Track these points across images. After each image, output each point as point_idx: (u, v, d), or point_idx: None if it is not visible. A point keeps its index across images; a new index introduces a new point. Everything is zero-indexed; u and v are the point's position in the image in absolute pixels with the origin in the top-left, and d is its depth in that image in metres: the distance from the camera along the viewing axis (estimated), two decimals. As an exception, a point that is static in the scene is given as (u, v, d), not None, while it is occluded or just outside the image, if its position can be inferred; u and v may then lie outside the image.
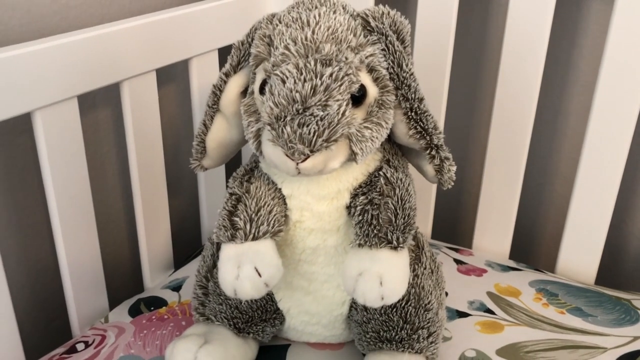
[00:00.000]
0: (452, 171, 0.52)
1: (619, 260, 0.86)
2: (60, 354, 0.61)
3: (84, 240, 0.64)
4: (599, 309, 0.67)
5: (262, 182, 0.52)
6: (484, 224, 0.81)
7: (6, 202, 0.66)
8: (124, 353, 0.59)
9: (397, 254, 0.48)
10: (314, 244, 0.52)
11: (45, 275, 0.72)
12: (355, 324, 0.55)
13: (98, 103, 0.73)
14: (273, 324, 0.57)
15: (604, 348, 0.61)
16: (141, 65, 0.65)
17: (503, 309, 0.66)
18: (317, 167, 0.45)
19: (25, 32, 0.63)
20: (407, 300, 0.53)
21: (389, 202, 0.49)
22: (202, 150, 0.55)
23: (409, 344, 0.53)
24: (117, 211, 0.80)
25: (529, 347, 0.61)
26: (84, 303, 0.66)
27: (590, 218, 0.74)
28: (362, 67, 0.47)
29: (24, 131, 0.66)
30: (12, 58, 0.53)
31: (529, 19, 0.70)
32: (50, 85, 0.57)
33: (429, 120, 0.50)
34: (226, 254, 0.49)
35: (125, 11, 0.73)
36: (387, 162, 0.52)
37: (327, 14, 0.47)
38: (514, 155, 0.76)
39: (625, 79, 0.67)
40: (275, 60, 0.46)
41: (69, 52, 0.58)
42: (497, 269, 0.75)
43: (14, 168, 0.66)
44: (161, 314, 0.66)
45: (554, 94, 0.83)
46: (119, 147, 0.77)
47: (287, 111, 0.44)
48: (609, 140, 0.70)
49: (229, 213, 0.51)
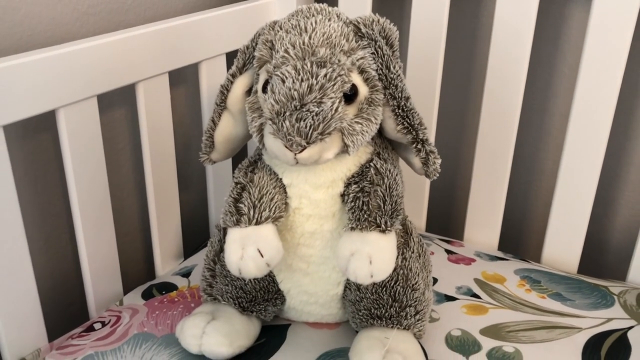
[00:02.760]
0: (437, 163, 0.57)
1: (601, 251, 0.91)
2: (79, 332, 0.66)
3: (102, 230, 0.70)
4: (578, 294, 0.72)
5: (265, 173, 0.57)
6: (474, 218, 0.86)
7: (29, 194, 0.72)
8: (138, 331, 0.65)
9: (385, 237, 0.54)
10: (311, 229, 0.58)
11: (65, 262, 0.78)
12: (349, 302, 0.61)
13: (114, 103, 0.79)
14: (275, 304, 0.63)
15: (579, 328, 0.66)
16: (155, 68, 0.71)
17: (488, 294, 0.72)
18: (313, 157, 0.50)
19: (50, 37, 0.69)
20: (396, 280, 0.58)
21: (378, 190, 0.54)
22: (210, 144, 0.61)
23: (398, 321, 0.59)
24: (131, 204, 0.85)
25: (510, 327, 0.66)
26: (100, 288, 0.71)
27: (572, 212, 0.79)
28: (353, 68, 0.52)
29: (46, 128, 0.72)
30: (38, 61, 0.59)
31: (514, 25, 0.75)
32: (72, 86, 0.62)
33: (414, 117, 0.55)
34: (232, 237, 0.55)
35: (140, 18, 0.79)
36: (377, 155, 0.57)
37: (323, 21, 0.53)
38: (500, 154, 0.81)
39: (602, 81, 0.72)
40: (276, 63, 0.52)
41: (89, 55, 0.63)
42: (485, 258, 0.80)
43: (37, 162, 0.72)
44: (172, 297, 0.71)
45: (539, 96, 0.88)
46: (132, 145, 0.83)
47: (286, 107, 0.49)
48: (587, 139, 0.75)
49: (235, 200, 0.56)
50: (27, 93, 0.58)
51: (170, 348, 0.61)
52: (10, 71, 0.56)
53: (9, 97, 0.56)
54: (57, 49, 0.61)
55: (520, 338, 0.64)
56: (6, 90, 0.56)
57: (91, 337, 0.64)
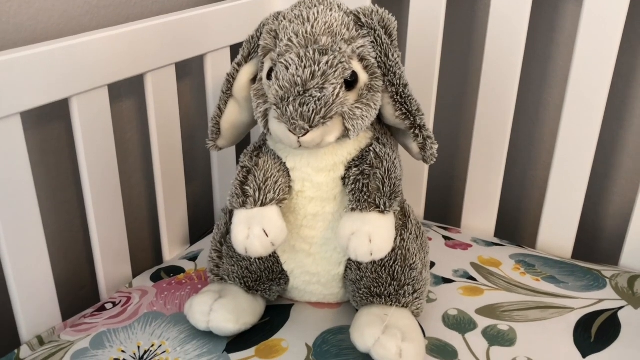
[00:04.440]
0: (434, 148, 0.60)
1: (595, 238, 0.94)
2: (91, 312, 0.69)
3: (112, 216, 0.72)
4: (571, 277, 0.75)
5: (269, 157, 0.60)
6: (471, 206, 0.89)
7: (43, 181, 0.75)
8: (148, 310, 0.68)
9: (384, 217, 0.56)
10: (314, 211, 0.61)
11: (77, 246, 0.81)
12: (350, 282, 0.63)
13: (123, 94, 0.81)
14: (279, 284, 0.65)
15: (572, 308, 0.69)
16: (162, 59, 0.73)
17: (484, 277, 0.74)
18: (316, 140, 0.53)
19: (62, 29, 0.72)
20: (395, 260, 0.61)
21: (377, 173, 0.57)
22: (217, 131, 0.64)
23: (396, 299, 0.61)
24: (139, 192, 0.88)
25: (504, 307, 0.69)
26: (111, 271, 0.74)
27: (566, 199, 0.81)
28: (354, 56, 0.55)
29: (59, 117, 0.74)
30: (53, 51, 0.61)
31: (509, 18, 0.78)
32: (84, 75, 0.65)
33: (412, 103, 0.58)
34: (238, 218, 0.58)
35: (147, 11, 0.81)
36: (376, 140, 0.60)
37: (324, 11, 0.55)
38: (496, 144, 0.83)
39: (594, 72, 0.75)
40: (280, 51, 0.54)
41: (100, 47, 0.66)
42: (481, 244, 0.83)
43: (49, 151, 0.74)
44: (179, 279, 0.74)
45: (534, 87, 0.91)
46: (140, 134, 0.86)
47: (290, 93, 0.52)
48: (580, 129, 0.77)
49: (241, 183, 0.59)
50: (42, 82, 0.61)
51: (179, 325, 0.64)
52: (27, 61, 0.59)
53: (25, 85, 0.59)
54: (70, 40, 0.63)
55: (515, 317, 0.67)
56: (23, 79, 0.59)
57: (103, 316, 0.67)
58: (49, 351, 0.62)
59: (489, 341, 0.63)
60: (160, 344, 0.62)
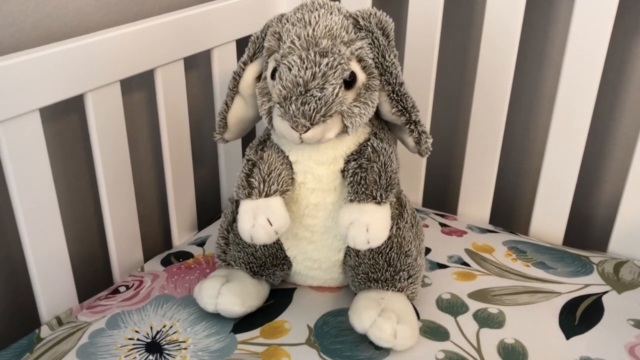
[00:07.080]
0: (428, 142, 0.63)
1: (586, 225, 0.98)
2: (106, 294, 0.73)
3: (124, 203, 0.76)
4: (560, 263, 0.79)
5: (273, 151, 0.64)
6: (467, 194, 0.92)
7: (58, 171, 0.78)
8: (159, 293, 0.72)
9: (380, 208, 0.60)
10: (315, 201, 0.64)
11: (91, 232, 0.85)
12: (349, 267, 0.67)
13: (133, 88, 0.85)
14: (282, 269, 0.69)
15: (559, 293, 0.72)
16: (171, 55, 0.77)
17: (477, 262, 0.78)
18: (316, 137, 0.57)
19: (76, 27, 0.75)
20: (391, 247, 0.65)
21: (374, 166, 0.61)
22: (224, 125, 0.68)
23: (392, 284, 0.65)
24: (149, 180, 0.92)
25: (495, 291, 0.73)
26: (123, 255, 0.78)
27: (558, 188, 0.85)
28: (352, 57, 0.58)
29: (74, 110, 0.78)
30: (67, 50, 0.64)
31: (504, 12, 0.81)
32: (98, 72, 0.68)
33: (408, 101, 0.62)
34: (244, 208, 0.62)
35: (156, 8, 0.85)
36: (374, 135, 0.64)
37: (325, 15, 0.59)
38: (492, 134, 0.87)
39: (586, 65, 0.77)
40: (283, 52, 0.58)
41: (113, 44, 0.69)
42: (476, 231, 0.87)
43: (65, 142, 0.78)
44: (189, 264, 0.78)
45: (529, 80, 0.94)
46: (150, 126, 0.89)
47: (292, 93, 0.56)
48: (572, 121, 0.81)
49: (246, 175, 0.63)
50: (59, 79, 0.64)
51: (189, 307, 0.69)
52: (44, 60, 0.62)
53: (43, 83, 0.63)
54: (85, 39, 0.66)
55: (504, 301, 0.71)
56: (41, 77, 0.62)
57: (117, 299, 0.71)
58: (67, 331, 0.66)
59: (479, 323, 0.67)
60: (172, 325, 0.66)
